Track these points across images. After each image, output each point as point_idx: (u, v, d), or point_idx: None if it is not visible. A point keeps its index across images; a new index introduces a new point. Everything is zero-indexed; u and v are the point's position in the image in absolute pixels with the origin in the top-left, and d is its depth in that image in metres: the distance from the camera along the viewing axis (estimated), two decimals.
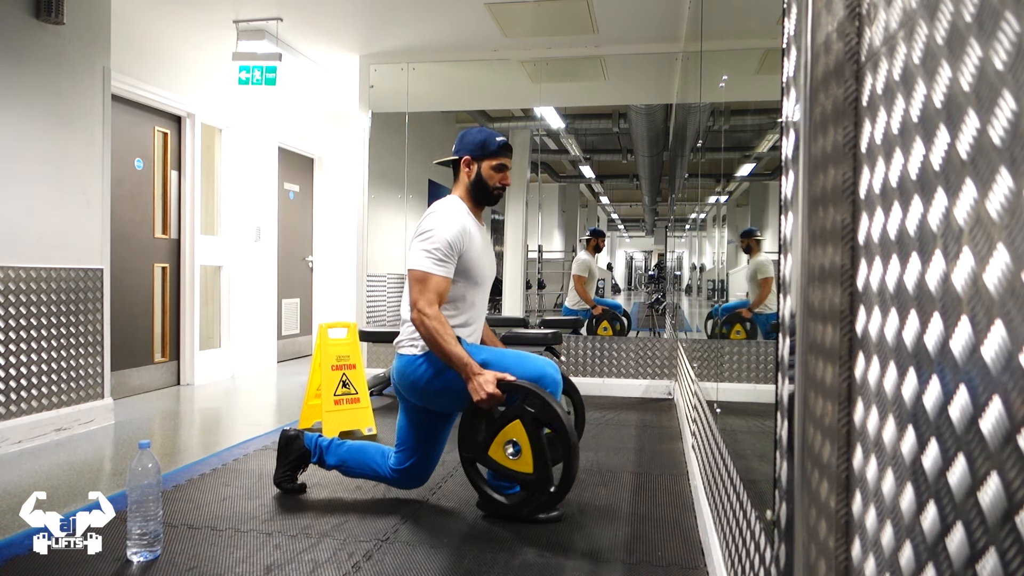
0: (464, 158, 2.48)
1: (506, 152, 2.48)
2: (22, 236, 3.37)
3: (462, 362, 2.24)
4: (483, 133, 2.48)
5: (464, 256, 2.37)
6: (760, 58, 1.81)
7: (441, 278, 2.31)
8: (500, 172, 2.48)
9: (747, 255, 2.26)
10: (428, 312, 2.27)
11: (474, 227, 2.44)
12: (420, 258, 2.32)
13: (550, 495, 2.23)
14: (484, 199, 2.51)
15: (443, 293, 2.32)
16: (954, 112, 0.52)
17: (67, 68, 3.60)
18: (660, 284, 9.87)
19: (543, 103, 5.66)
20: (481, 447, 2.29)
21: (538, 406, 2.21)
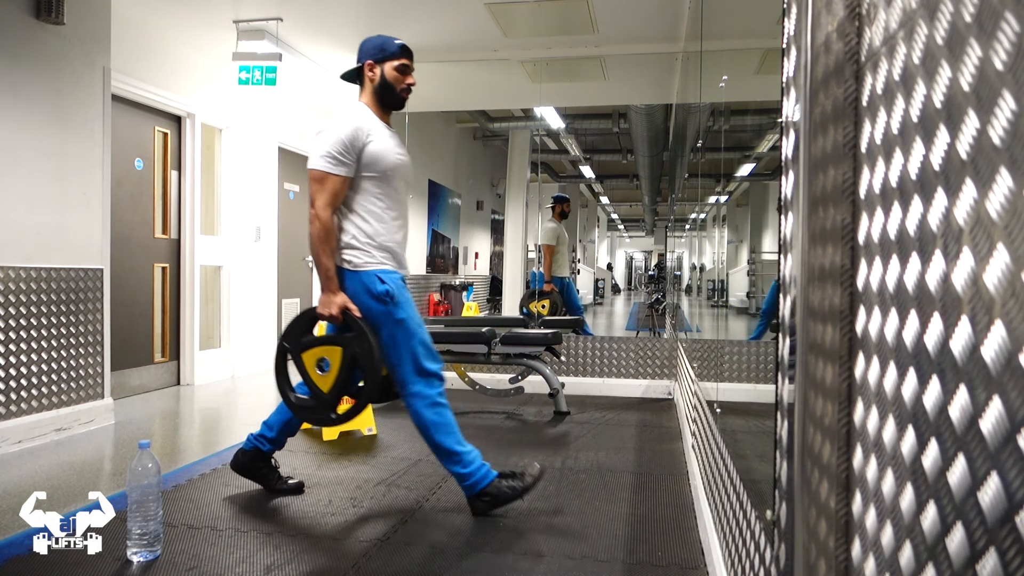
0: (367, 63, 2.50)
1: (407, 53, 2.52)
2: (22, 236, 3.37)
3: (327, 273, 2.35)
4: (380, 38, 2.52)
5: (367, 150, 2.39)
6: (760, 58, 1.81)
7: (337, 178, 2.35)
8: (404, 73, 2.51)
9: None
10: (321, 215, 2.34)
11: (379, 127, 2.46)
12: (316, 158, 2.37)
13: (328, 418, 2.41)
14: (390, 102, 2.53)
15: (339, 194, 2.36)
16: (954, 112, 0.52)
17: (67, 68, 3.60)
18: (660, 284, 9.86)
19: (543, 103, 5.66)
20: (301, 346, 2.42)
21: (364, 352, 2.32)
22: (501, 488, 2.42)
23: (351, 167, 2.38)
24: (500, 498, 2.41)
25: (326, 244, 2.35)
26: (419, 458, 3.20)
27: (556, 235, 5.90)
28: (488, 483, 2.42)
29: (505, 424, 4.00)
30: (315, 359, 2.41)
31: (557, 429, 3.89)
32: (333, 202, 2.36)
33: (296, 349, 2.44)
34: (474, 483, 2.41)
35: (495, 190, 8.25)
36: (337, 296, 2.36)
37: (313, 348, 2.41)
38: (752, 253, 2.36)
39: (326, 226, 2.34)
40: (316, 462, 3.15)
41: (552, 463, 3.15)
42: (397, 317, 2.39)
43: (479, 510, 2.43)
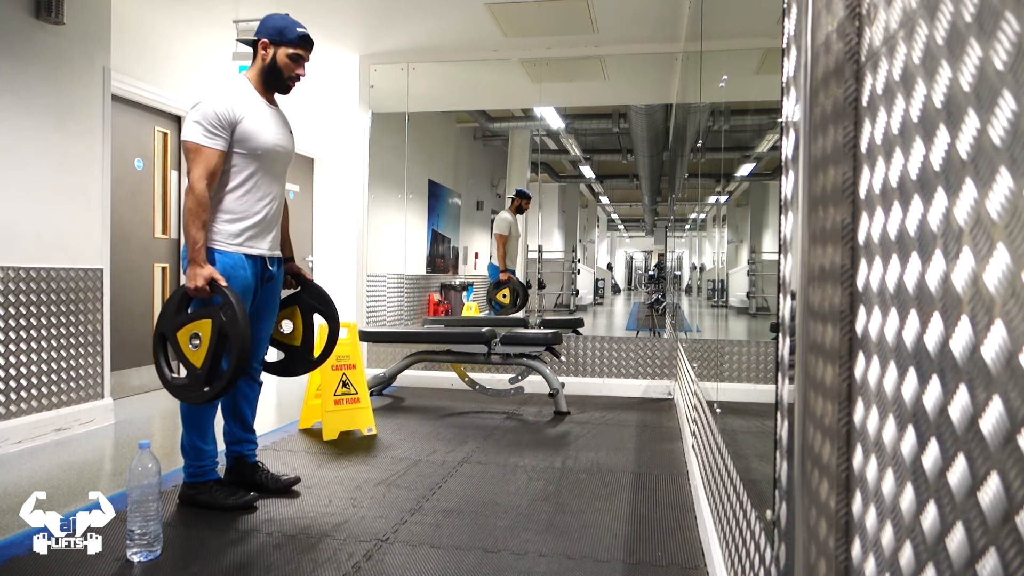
0: (262, 40, 2.49)
1: (304, 44, 2.50)
2: (22, 236, 3.37)
3: (195, 245, 2.32)
4: (286, 20, 2.50)
5: (240, 126, 2.38)
6: (760, 58, 1.81)
7: (211, 150, 2.34)
8: (296, 62, 2.50)
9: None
10: (196, 187, 2.32)
11: (257, 103, 2.46)
12: (189, 128, 2.35)
13: (203, 393, 2.35)
14: (276, 85, 2.53)
15: (215, 168, 2.35)
16: (954, 112, 0.52)
17: (67, 68, 3.60)
18: (660, 284, 9.86)
19: (543, 103, 5.66)
20: (175, 326, 2.38)
21: (229, 318, 2.28)
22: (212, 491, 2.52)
23: (224, 141, 2.37)
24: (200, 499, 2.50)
25: (197, 216, 2.32)
26: (419, 458, 3.20)
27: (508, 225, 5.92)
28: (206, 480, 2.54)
29: (505, 424, 4.00)
30: (187, 336, 2.37)
31: (557, 429, 3.89)
32: (208, 175, 2.34)
33: (171, 329, 2.39)
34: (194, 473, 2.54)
35: (495, 190, 8.26)
36: (204, 268, 2.31)
37: (186, 325, 2.37)
38: (752, 253, 2.36)
39: (199, 198, 2.32)
40: (316, 462, 3.15)
41: (552, 463, 3.15)
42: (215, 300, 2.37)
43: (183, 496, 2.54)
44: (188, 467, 2.55)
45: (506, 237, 5.88)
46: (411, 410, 4.38)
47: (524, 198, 6.09)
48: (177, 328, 2.38)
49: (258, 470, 2.69)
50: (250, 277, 2.47)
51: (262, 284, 2.56)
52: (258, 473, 2.68)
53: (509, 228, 5.92)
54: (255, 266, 2.50)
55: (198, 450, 2.54)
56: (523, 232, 6.39)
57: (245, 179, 2.44)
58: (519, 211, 6.03)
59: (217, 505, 2.48)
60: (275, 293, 2.67)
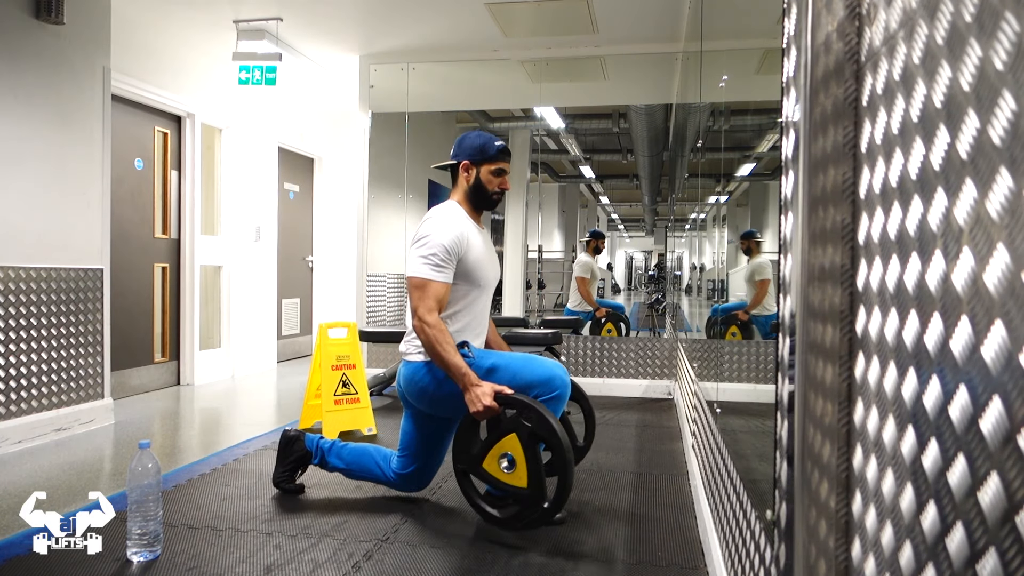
0: (463, 163, 2.47)
1: (505, 157, 2.48)
2: (22, 236, 3.37)
3: (460, 372, 2.22)
4: (482, 138, 2.47)
5: (464, 259, 2.35)
6: (760, 58, 1.81)
7: (440, 284, 2.30)
8: (499, 176, 2.47)
9: (747, 256, 2.25)
10: (428, 320, 2.25)
11: (473, 231, 2.42)
12: (418, 265, 2.30)
13: (543, 511, 2.17)
14: (483, 204, 2.50)
15: (442, 299, 2.31)
16: (954, 112, 0.52)
17: (67, 68, 3.60)
18: (660, 284, 9.86)
19: (543, 103, 5.66)
20: (476, 459, 2.26)
21: (535, 420, 2.16)
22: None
23: (451, 273, 2.33)
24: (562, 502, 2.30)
25: (446, 344, 2.24)
26: None
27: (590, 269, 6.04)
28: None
29: None
30: (495, 459, 2.23)
31: None
32: (438, 307, 2.29)
33: (474, 464, 2.26)
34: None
35: None
36: (480, 386, 2.20)
37: (489, 451, 2.23)
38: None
39: (438, 327, 2.25)
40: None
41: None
42: (487, 365, 2.31)
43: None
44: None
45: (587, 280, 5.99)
46: None
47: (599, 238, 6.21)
48: (480, 460, 2.25)
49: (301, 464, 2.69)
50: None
51: None
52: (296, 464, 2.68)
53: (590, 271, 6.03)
54: None
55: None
56: (524, 232, 6.40)
57: (465, 307, 2.40)
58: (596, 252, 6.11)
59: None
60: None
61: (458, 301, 2.40)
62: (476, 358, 2.32)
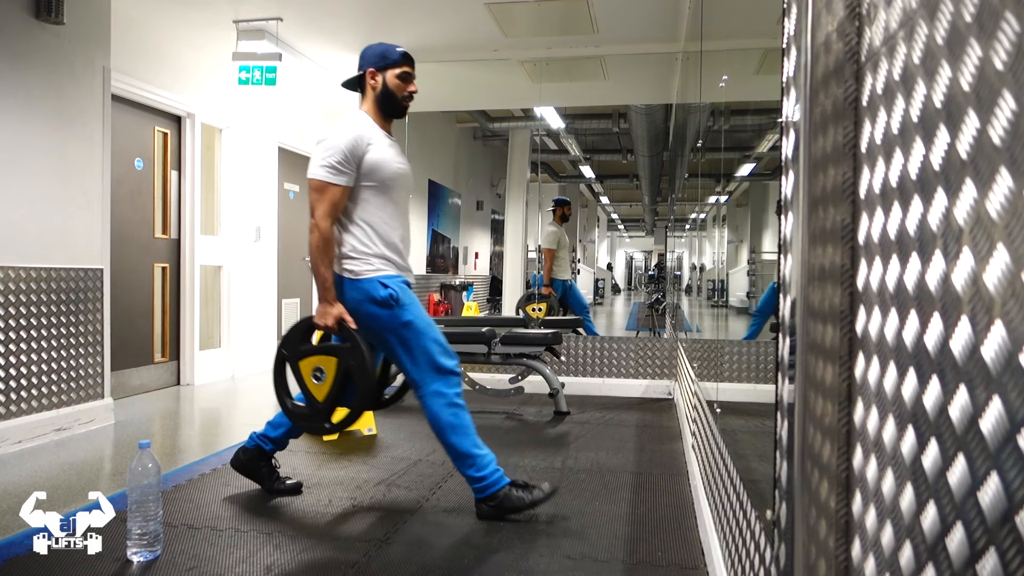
0: (368, 71, 2.50)
1: (408, 61, 2.52)
2: (22, 236, 3.37)
3: (324, 284, 2.36)
4: (382, 46, 2.52)
5: (365, 159, 2.39)
6: (760, 58, 1.81)
7: (337, 187, 2.35)
8: (405, 81, 2.51)
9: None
10: (321, 225, 2.34)
11: (379, 135, 2.46)
12: (316, 167, 2.36)
13: (322, 427, 2.44)
14: (392, 110, 2.53)
15: (338, 204, 2.36)
16: (954, 112, 0.52)
17: (67, 68, 3.60)
18: (660, 284, 9.86)
19: (543, 103, 5.66)
20: (299, 354, 2.44)
21: (357, 363, 2.34)
22: (510, 496, 2.39)
23: (351, 176, 2.37)
24: (506, 506, 2.39)
25: (325, 254, 2.35)
26: (419, 458, 3.20)
27: (557, 239, 5.88)
28: (498, 489, 2.39)
29: (505, 424, 4.00)
30: (311, 367, 2.42)
31: (557, 429, 3.89)
32: (333, 212, 2.35)
33: (294, 357, 2.45)
34: (484, 487, 2.39)
35: (495, 190, 8.25)
36: (334, 307, 2.37)
37: (310, 357, 2.42)
38: (752, 253, 2.36)
39: (325, 236, 2.34)
40: (316, 462, 3.15)
41: (552, 463, 3.15)
42: (404, 319, 2.39)
43: (484, 514, 2.41)
44: (475, 481, 2.40)
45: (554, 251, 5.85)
46: (411, 410, 4.38)
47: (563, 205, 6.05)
48: (301, 357, 2.44)
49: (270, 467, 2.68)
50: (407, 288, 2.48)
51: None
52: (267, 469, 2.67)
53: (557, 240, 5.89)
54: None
55: (475, 458, 2.39)
56: (524, 233, 6.38)
57: (380, 210, 2.44)
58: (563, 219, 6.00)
59: (526, 506, 2.39)
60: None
61: (368, 208, 2.43)
62: (399, 308, 2.37)
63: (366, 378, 2.35)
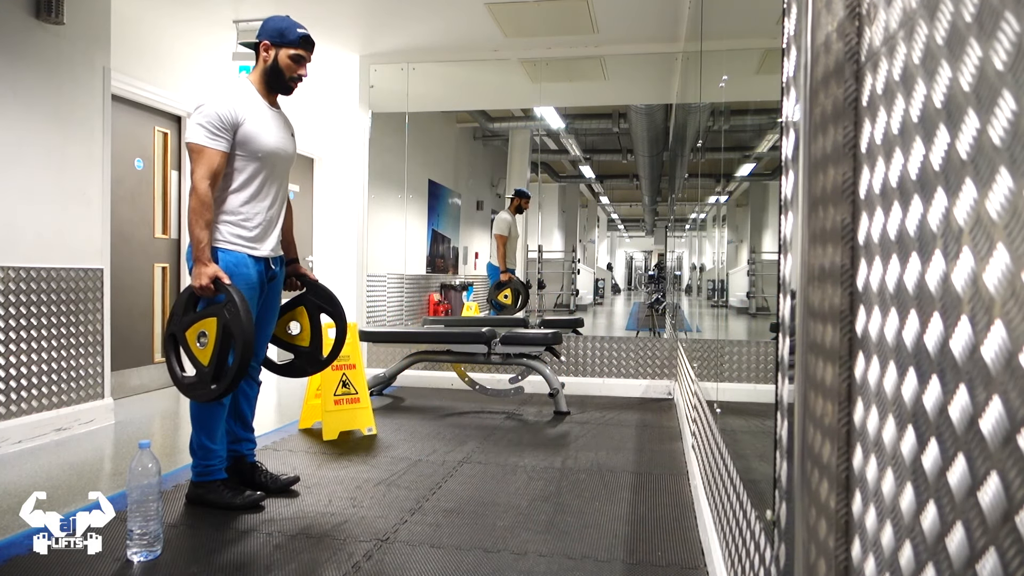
0: (263, 43, 2.52)
1: (305, 44, 2.53)
2: (22, 236, 3.37)
3: (199, 244, 2.35)
4: (285, 22, 2.53)
5: (241, 129, 2.41)
6: (760, 58, 1.81)
7: (214, 151, 2.37)
8: (297, 63, 2.53)
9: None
10: (199, 187, 2.35)
11: (259, 106, 2.49)
12: (193, 129, 2.38)
13: (210, 390, 2.38)
14: (277, 86, 2.55)
15: (216, 169, 2.37)
16: (954, 112, 0.52)
17: (67, 68, 3.60)
18: (660, 284, 9.86)
19: (543, 103, 5.66)
20: (183, 325, 2.42)
21: (232, 315, 2.32)
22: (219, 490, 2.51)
23: (226, 142, 2.40)
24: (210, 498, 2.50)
25: (201, 216, 2.35)
26: (419, 458, 3.20)
27: (508, 226, 5.92)
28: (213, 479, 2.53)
29: (505, 424, 4.00)
30: (195, 335, 2.41)
31: (557, 429, 3.89)
32: (210, 175, 2.37)
33: (180, 329, 2.43)
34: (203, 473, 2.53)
35: (495, 190, 8.25)
36: (208, 267, 2.35)
37: (194, 324, 2.40)
38: (752, 253, 2.36)
39: (202, 198, 2.35)
40: (316, 462, 3.15)
41: (552, 463, 3.15)
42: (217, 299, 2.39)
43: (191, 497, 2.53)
44: (196, 466, 2.55)
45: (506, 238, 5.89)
46: (411, 410, 4.38)
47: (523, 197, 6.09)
48: (186, 328, 2.42)
49: (257, 470, 2.69)
50: (254, 276, 2.50)
51: (265, 284, 2.58)
52: (257, 473, 2.68)
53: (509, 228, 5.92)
54: (259, 266, 2.52)
55: (206, 449, 2.53)
56: (523, 232, 6.39)
57: (247, 181, 2.47)
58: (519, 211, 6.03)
59: (224, 504, 2.48)
60: (277, 293, 2.71)
61: (241, 173, 2.45)
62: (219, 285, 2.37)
63: (243, 329, 2.30)
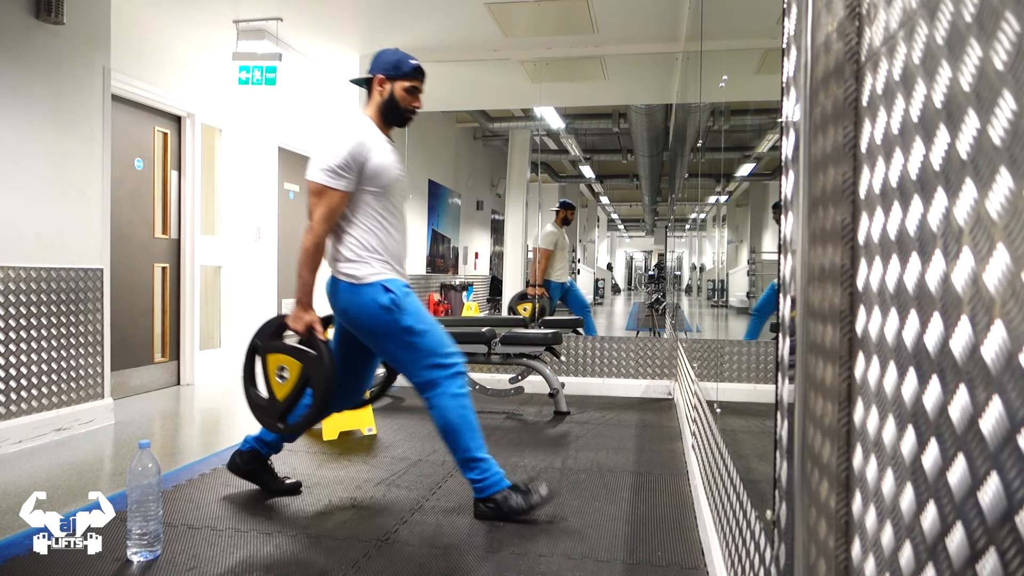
0: (378, 77, 2.50)
1: (419, 76, 2.52)
2: (22, 236, 3.37)
3: (305, 289, 2.38)
4: (398, 55, 2.51)
5: (366, 164, 2.38)
6: (760, 58, 1.81)
7: (337, 192, 2.33)
8: (412, 95, 2.51)
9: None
10: (317, 230, 2.34)
11: (380, 141, 2.46)
12: (316, 170, 2.34)
13: (275, 427, 2.45)
14: (394, 119, 2.54)
15: (337, 208, 2.35)
16: (954, 112, 0.52)
17: (67, 68, 3.60)
18: (660, 284, 9.86)
19: (543, 103, 5.66)
20: (268, 348, 2.47)
21: (318, 376, 2.35)
22: (508, 499, 2.38)
23: (351, 181, 2.35)
24: (504, 509, 2.38)
25: (313, 258, 2.35)
26: (419, 458, 3.20)
27: (555, 240, 5.88)
28: (497, 491, 2.39)
29: (505, 424, 4.00)
30: (277, 364, 2.44)
31: (557, 429, 3.89)
32: (331, 217, 2.34)
33: (264, 349, 2.48)
34: (484, 488, 2.39)
35: (495, 190, 8.25)
36: (307, 313, 2.39)
37: (278, 353, 2.44)
38: (752, 253, 2.36)
39: (318, 240, 2.34)
40: (316, 462, 3.15)
41: (552, 463, 3.15)
42: (404, 324, 2.38)
43: (482, 514, 2.41)
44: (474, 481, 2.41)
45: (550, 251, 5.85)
46: (411, 410, 4.38)
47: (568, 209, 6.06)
48: (270, 350, 2.46)
49: (266, 469, 2.68)
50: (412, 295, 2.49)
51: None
52: (264, 471, 2.67)
53: (555, 242, 5.88)
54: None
55: (475, 460, 2.40)
56: (526, 234, 6.38)
57: (382, 213, 2.43)
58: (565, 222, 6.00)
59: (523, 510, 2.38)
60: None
61: (368, 212, 2.42)
62: (398, 311, 2.37)
63: (326, 391, 2.35)
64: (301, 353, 2.40)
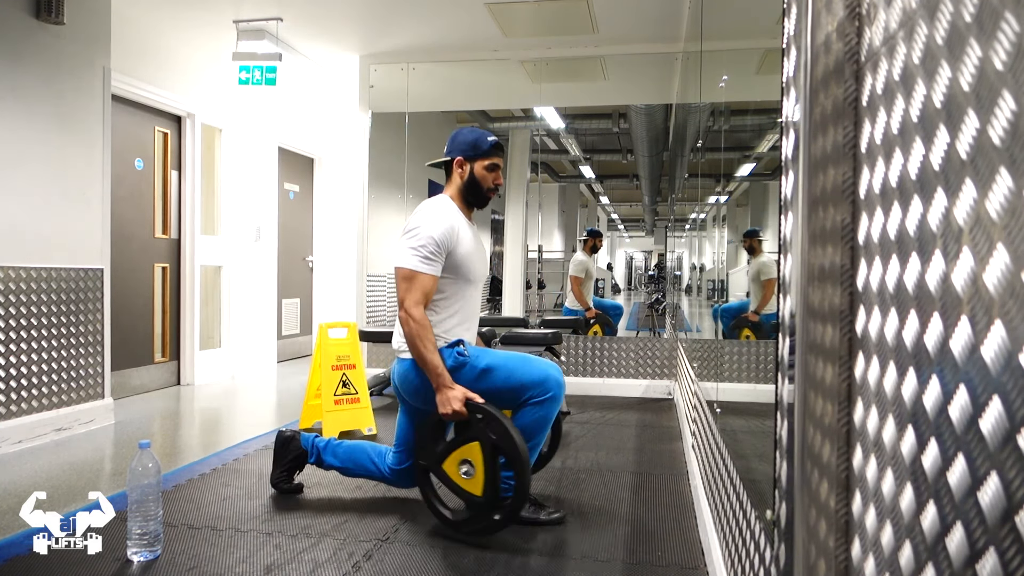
0: (456, 159, 2.46)
1: (498, 152, 2.47)
2: (22, 236, 3.37)
3: (436, 371, 2.23)
4: (474, 133, 2.47)
5: (453, 253, 2.35)
6: (760, 58, 1.81)
7: (428, 276, 2.29)
8: (493, 172, 2.46)
9: (749, 255, 2.25)
10: (413, 313, 2.26)
11: (464, 226, 2.42)
12: (407, 256, 2.30)
13: (493, 521, 2.19)
14: (476, 200, 2.49)
15: (428, 292, 2.30)
16: (954, 112, 0.52)
17: (67, 68, 3.60)
18: (660, 284, 9.86)
19: (543, 103, 5.66)
20: (438, 458, 2.28)
21: (499, 434, 2.17)
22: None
23: (440, 265, 2.32)
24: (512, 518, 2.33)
25: (427, 341, 2.24)
26: None
27: (584, 268, 5.98)
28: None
29: None
30: (455, 466, 2.25)
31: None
32: (424, 300, 2.28)
33: (435, 463, 2.27)
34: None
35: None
36: (453, 389, 2.21)
37: (451, 455, 2.25)
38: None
39: (421, 322, 2.25)
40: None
41: (552, 463, 3.15)
42: (481, 366, 2.31)
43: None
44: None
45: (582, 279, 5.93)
46: None
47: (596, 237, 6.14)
48: (441, 460, 2.27)
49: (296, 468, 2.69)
50: None
51: None
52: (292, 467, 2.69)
53: (585, 270, 5.97)
54: None
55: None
56: (523, 233, 6.39)
57: (454, 298, 2.39)
58: (594, 250, 6.05)
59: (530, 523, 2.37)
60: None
61: (448, 295, 2.39)
62: (471, 357, 2.32)
63: (516, 448, 2.13)
64: (470, 433, 2.21)
